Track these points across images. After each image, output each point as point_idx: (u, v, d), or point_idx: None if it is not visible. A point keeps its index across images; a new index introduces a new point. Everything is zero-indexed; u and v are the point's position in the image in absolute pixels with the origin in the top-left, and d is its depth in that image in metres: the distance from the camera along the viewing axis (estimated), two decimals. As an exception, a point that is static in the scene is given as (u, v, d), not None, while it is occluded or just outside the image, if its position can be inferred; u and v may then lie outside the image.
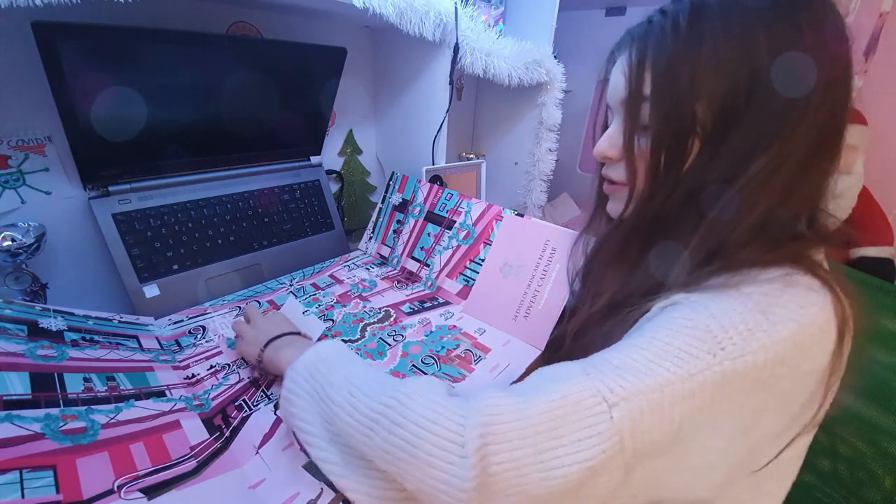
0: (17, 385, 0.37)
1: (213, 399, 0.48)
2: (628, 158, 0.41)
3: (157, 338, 0.57)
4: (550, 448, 0.29)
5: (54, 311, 0.51)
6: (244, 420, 0.45)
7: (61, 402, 0.38)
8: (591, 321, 0.47)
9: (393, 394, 0.34)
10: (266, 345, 0.49)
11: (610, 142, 0.43)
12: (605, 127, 0.46)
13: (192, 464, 0.38)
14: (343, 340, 0.57)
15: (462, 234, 0.74)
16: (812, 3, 0.35)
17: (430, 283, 0.76)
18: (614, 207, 0.47)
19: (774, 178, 0.35)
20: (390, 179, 0.88)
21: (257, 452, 0.42)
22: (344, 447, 0.36)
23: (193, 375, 0.51)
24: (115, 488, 0.33)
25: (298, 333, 0.53)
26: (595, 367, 0.32)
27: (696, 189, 0.38)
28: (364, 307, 0.69)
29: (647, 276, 0.42)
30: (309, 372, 0.40)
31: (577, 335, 0.49)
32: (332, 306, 0.68)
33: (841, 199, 0.98)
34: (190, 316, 0.64)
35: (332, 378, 0.38)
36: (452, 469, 0.29)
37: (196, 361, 0.54)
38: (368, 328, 0.64)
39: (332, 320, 0.65)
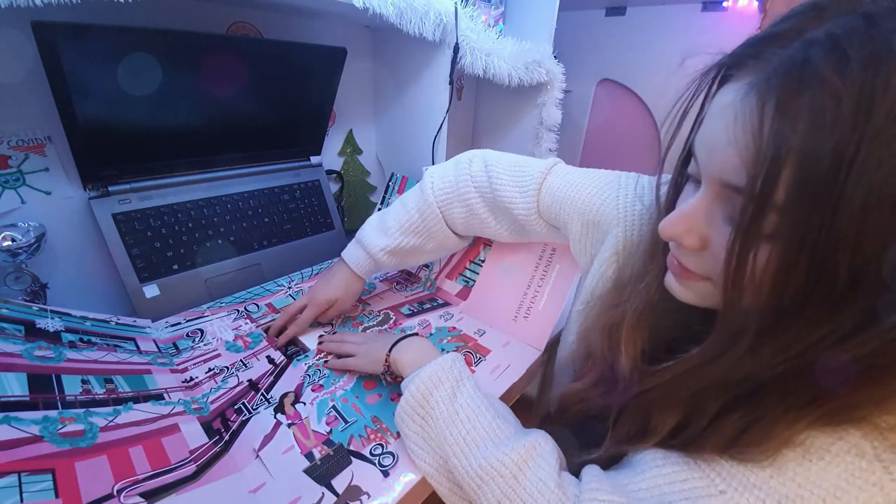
0: (15, 386, 0.37)
1: (212, 402, 0.48)
2: (736, 277, 0.26)
3: (154, 340, 0.57)
4: None
5: (51, 311, 0.51)
6: (244, 424, 0.45)
7: (59, 403, 0.38)
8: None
9: (505, 461, 0.36)
10: (391, 350, 0.50)
11: (688, 224, 0.30)
12: (685, 169, 0.33)
13: (191, 468, 0.38)
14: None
15: (462, 236, 0.74)
16: None
17: (429, 284, 0.76)
18: (685, 295, 0.34)
19: None
20: (390, 181, 0.88)
21: (257, 456, 0.42)
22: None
23: (192, 378, 0.51)
24: (115, 492, 0.33)
25: (416, 334, 0.53)
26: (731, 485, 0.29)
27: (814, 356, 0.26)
28: (363, 310, 0.69)
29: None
30: (419, 405, 0.42)
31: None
32: (332, 307, 0.68)
33: None
34: (187, 318, 0.64)
35: (445, 417, 0.40)
36: None
37: (194, 364, 0.54)
38: (368, 331, 0.63)
39: (332, 324, 0.65)
